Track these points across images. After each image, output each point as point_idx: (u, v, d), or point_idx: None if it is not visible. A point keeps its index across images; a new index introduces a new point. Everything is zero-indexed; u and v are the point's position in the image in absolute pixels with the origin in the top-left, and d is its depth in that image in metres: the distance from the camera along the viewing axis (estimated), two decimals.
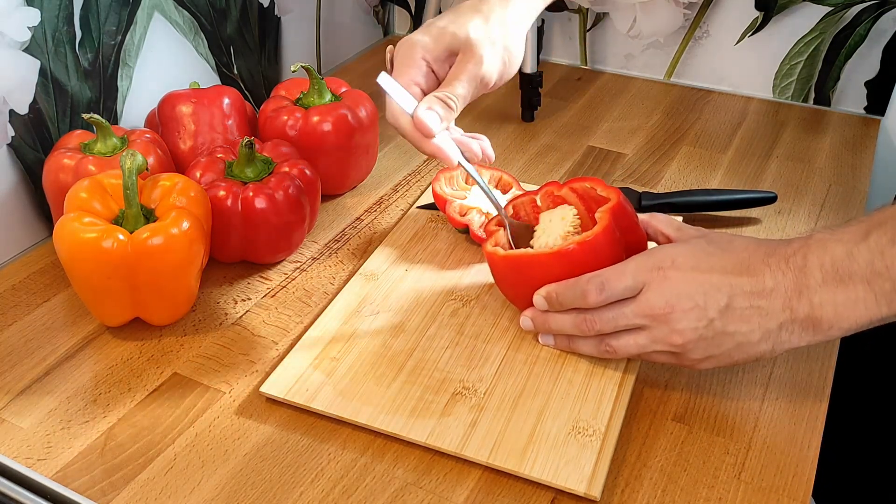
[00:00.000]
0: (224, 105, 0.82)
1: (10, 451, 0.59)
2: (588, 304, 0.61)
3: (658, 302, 0.59)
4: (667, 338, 0.59)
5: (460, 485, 0.57)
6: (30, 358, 0.67)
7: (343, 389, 0.63)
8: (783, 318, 0.57)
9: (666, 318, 0.59)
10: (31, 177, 0.78)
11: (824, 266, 0.56)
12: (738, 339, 0.58)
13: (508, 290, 0.69)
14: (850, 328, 0.57)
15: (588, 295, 0.61)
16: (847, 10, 1.02)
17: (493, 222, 0.71)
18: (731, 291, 0.58)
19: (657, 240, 0.67)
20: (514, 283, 0.67)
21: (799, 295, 0.57)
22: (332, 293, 0.75)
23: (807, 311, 0.57)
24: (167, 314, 0.69)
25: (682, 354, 0.60)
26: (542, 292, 0.64)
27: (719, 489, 0.57)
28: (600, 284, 0.60)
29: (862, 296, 0.55)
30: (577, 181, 0.69)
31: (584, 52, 1.19)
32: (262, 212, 0.72)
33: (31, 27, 0.74)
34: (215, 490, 0.57)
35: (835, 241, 0.56)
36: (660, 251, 0.61)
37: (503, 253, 0.66)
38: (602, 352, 0.63)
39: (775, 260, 0.58)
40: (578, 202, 0.69)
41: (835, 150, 0.99)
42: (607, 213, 0.63)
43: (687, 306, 0.58)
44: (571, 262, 0.62)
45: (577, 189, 0.69)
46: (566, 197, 0.70)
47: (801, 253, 0.57)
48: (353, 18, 1.21)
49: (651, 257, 0.61)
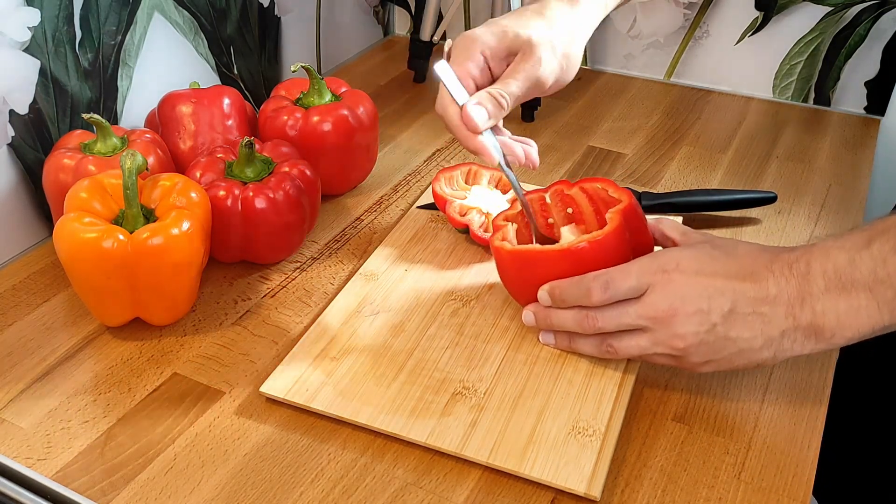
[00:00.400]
0: (224, 105, 0.82)
1: (10, 451, 0.59)
2: (591, 303, 0.61)
3: (661, 304, 0.59)
4: (668, 341, 0.59)
5: (460, 485, 0.57)
6: (30, 358, 0.67)
7: (343, 389, 0.63)
8: (786, 325, 0.57)
9: (668, 321, 0.59)
10: (31, 177, 0.78)
11: (827, 273, 0.56)
12: (739, 345, 0.58)
13: (513, 286, 0.69)
14: (853, 337, 0.56)
15: (592, 293, 0.61)
16: (847, 10, 1.02)
17: (501, 217, 0.71)
18: (735, 297, 0.58)
19: (663, 244, 0.67)
20: (520, 279, 0.67)
21: (802, 302, 0.57)
22: (332, 293, 0.75)
23: (809, 319, 0.57)
24: (167, 314, 0.69)
25: (682, 358, 0.60)
26: (546, 287, 0.64)
27: (719, 489, 0.57)
28: (605, 283, 0.60)
29: (864, 304, 0.55)
30: (588, 181, 0.69)
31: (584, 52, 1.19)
32: (262, 212, 0.72)
33: (31, 27, 0.74)
34: (215, 490, 0.57)
35: (837, 249, 0.56)
36: (665, 254, 0.61)
37: (510, 248, 0.66)
38: (603, 352, 0.63)
39: (779, 266, 0.58)
40: (588, 202, 0.70)
41: (835, 150, 0.99)
42: (619, 213, 0.63)
43: (690, 310, 0.58)
44: (579, 260, 0.62)
45: (588, 189, 0.69)
46: (576, 197, 0.70)
47: (805, 260, 0.57)
48: (353, 18, 1.21)
49: (656, 259, 0.61)
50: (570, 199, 0.71)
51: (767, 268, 0.58)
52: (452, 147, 0.99)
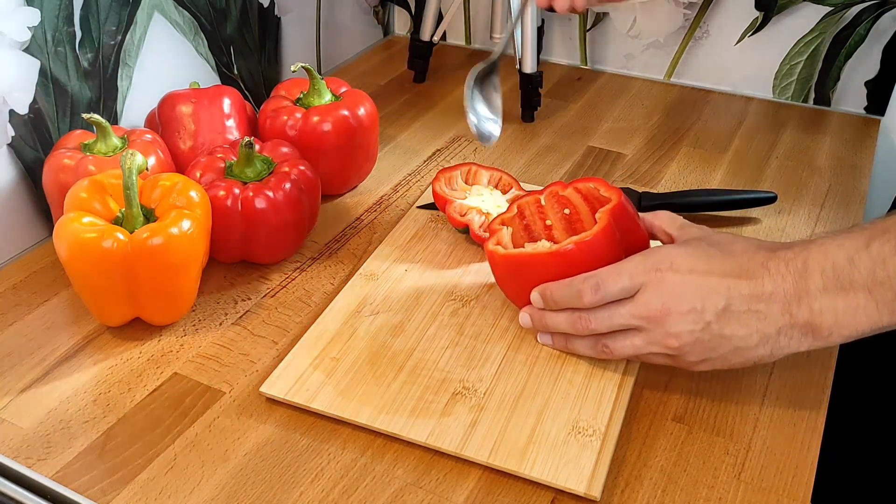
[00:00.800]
0: (224, 105, 0.82)
1: (10, 451, 0.59)
2: (583, 304, 0.61)
3: (654, 303, 0.59)
4: (663, 340, 0.59)
5: (460, 485, 0.57)
6: (30, 358, 0.67)
7: (343, 389, 0.63)
8: (782, 322, 0.57)
9: (662, 321, 0.59)
10: (31, 177, 0.78)
11: (825, 271, 0.55)
12: (735, 342, 0.58)
13: (509, 289, 0.69)
14: (851, 335, 0.56)
15: (583, 294, 0.61)
16: (847, 10, 1.02)
17: (497, 220, 0.71)
18: (730, 294, 0.57)
19: (660, 238, 0.67)
20: (514, 282, 0.67)
21: (798, 300, 0.56)
22: (332, 293, 0.75)
23: (806, 317, 0.56)
24: (167, 314, 0.69)
25: (678, 357, 0.60)
26: (538, 290, 0.64)
27: (719, 489, 0.57)
28: (595, 284, 0.60)
29: (863, 304, 0.55)
30: (581, 181, 0.70)
31: (583, 52, 1.19)
32: (262, 212, 0.72)
33: (31, 27, 0.73)
34: (215, 490, 0.57)
35: (836, 247, 0.56)
36: (658, 252, 0.61)
37: (503, 252, 0.66)
38: (598, 352, 0.63)
39: (775, 263, 0.57)
40: (582, 202, 0.70)
41: (835, 150, 0.99)
42: (607, 213, 0.63)
43: (684, 308, 0.58)
44: (569, 261, 0.62)
45: (582, 189, 0.69)
46: (571, 197, 0.70)
47: (802, 257, 0.57)
48: (353, 18, 1.21)
49: (649, 258, 0.60)
50: (565, 201, 0.71)
51: (763, 265, 0.58)
52: (452, 147, 0.99)
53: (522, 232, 0.71)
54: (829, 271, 0.55)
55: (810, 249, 0.57)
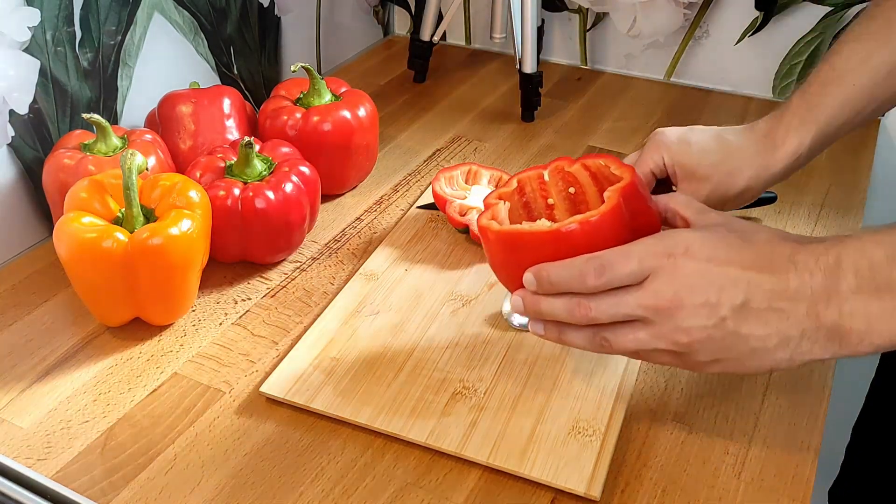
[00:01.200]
0: (224, 105, 0.82)
1: (10, 451, 0.59)
2: (584, 288, 0.53)
3: (665, 292, 0.52)
4: (671, 335, 0.52)
5: (460, 485, 0.57)
6: (30, 358, 0.67)
7: (343, 389, 0.63)
8: (806, 324, 0.50)
9: (672, 313, 0.52)
10: (31, 177, 0.78)
11: (860, 271, 0.49)
12: (752, 343, 0.52)
13: (501, 272, 0.61)
14: (882, 345, 0.50)
15: (586, 277, 0.53)
16: (847, 10, 1.02)
17: (494, 195, 0.63)
18: (749, 288, 0.51)
19: (675, 223, 0.58)
20: (508, 264, 0.59)
21: (827, 300, 0.50)
22: (332, 293, 0.75)
23: (834, 320, 0.50)
24: (167, 314, 0.69)
25: (686, 355, 0.53)
26: (532, 270, 0.55)
27: (719, 489, 0.57)
28: (600, 266, 0.53)
29: None
30: (590, 157, 0.62)
31: (584, 52, 1.19)
32: (262, 212, 0.72)
33: (31, 27, 0.73)
34: (215, 490, 0.57)
35: (874, 243, 0.50)
36: (673, 235, 0.54)
37: (497, 228, 0.57)
38: (596, 345, 0.55)
39: (803, 257, 0.51)
40: (590, 181, 0.62)
41: (835, 151, 0.98)
42: (617, 192, 0.55)
43: (697, 301, 0.51)
44: (571, 243, 0.54)
45: (590, 166, 0.62)
46: (578, 174, 0.63)
47: (834, 252, 0.50)
48: (353, 18, 1.21)
49: (662, 241, 0.53)
50: (571, 178, 0.63)
51: (790, 258, 0.51)
52: (452, 147, 0.99)
53: (521, 210, 0.64)
54: (864, 270, 0.49)
55: (845, 244, 0.51)
